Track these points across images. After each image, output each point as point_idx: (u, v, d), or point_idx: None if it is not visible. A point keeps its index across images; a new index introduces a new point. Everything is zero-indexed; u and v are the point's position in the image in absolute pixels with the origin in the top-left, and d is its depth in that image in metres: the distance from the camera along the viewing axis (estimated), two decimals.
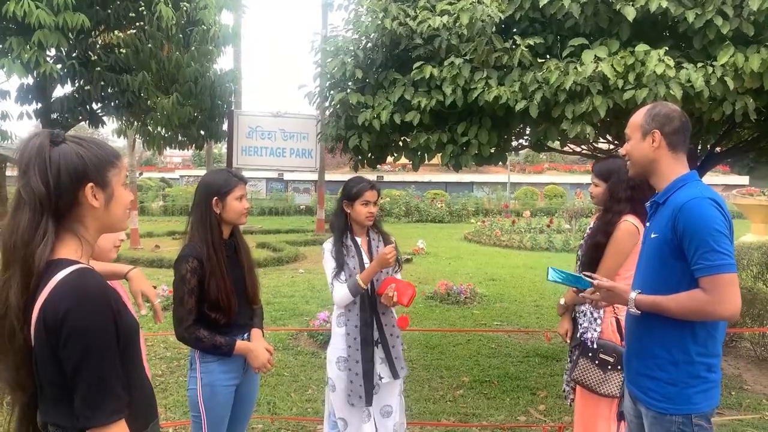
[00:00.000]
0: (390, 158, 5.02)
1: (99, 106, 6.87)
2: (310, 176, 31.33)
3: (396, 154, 4.88)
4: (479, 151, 4.21)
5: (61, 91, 6.64)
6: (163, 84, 6.65)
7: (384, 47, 4.44)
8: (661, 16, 3.55)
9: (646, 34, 3.76)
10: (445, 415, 4.61)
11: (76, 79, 6.32)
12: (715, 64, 3.41)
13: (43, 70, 5.38)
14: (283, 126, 8.09)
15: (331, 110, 5.04)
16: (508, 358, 5.99)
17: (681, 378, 2.15)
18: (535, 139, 4.32)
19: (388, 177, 37.27)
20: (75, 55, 6.13)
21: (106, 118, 7.07)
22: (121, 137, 7.88)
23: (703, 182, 2.25)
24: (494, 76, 3.88)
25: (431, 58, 4.17)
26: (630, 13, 3.45)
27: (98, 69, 6.17)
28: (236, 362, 2.75)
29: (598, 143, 5.85)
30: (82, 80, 6.37)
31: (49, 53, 5.75)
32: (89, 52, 6.37)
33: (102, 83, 6.29)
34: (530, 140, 4.58)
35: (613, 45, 3.65)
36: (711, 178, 32.08)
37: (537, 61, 3.80)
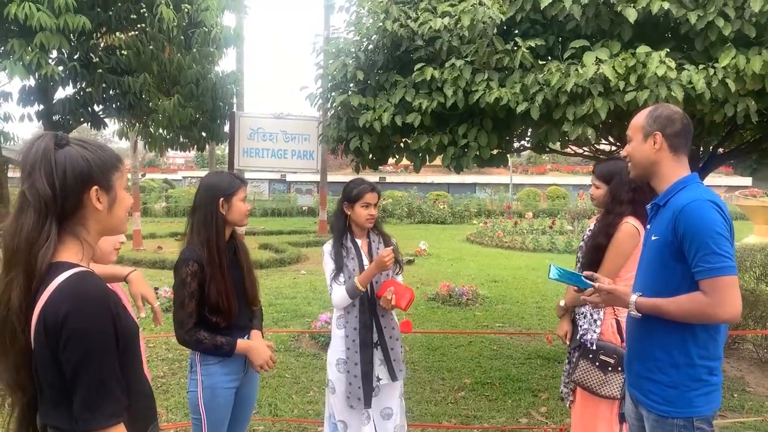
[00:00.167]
0: (391, 160, 5.02)
1: (100, 108, 6.91)
2: (313, 177, 31.32)
3: (397, 156, 4.88)
4: (480, 153, 4.21)
5: (62, 93, 6.68)
6: (165, 86, 6.67)
7: (385, 49, 4.44)
8: (663, 18, 3.54)
9: (648, 36, 3.75)
10: (447, 417, 4.60)
11: (78, 81, 6.35)
12: (716, 66, 3.41)
13: (45, 72, 5.40)
14: (285, 127, 8.09)
15: (332, 112, 5.05)
16: (509, 360, 5.98)
17: (682, 381, 2.14)
18: (536, 141, 4.32)
19: (391, 178, 37.25)
20: (76, 57, 6.15)
21: (108, 120, 7.10)
22: (123, 139, 7.90)
23: (703, 184, 2.24)
24: (495, 78, 3.88)
25: (432, 60, 4.17)
26: (631, 15, 3.44)
27: (100, 71, 6.19)
28: (237, 363, 2.75)
29: (599, 145, 5.84)
30: (84, 82, 6.40)
31: (50, 55, 5.77)
32: (91, 54, 6.39)
33: (103, 85, 6.31)
34: (531, 142, 4.58)
35: (615, 47, 3.65)
36: (714, 180, 32.01)
37: (538, 62, 3.80)
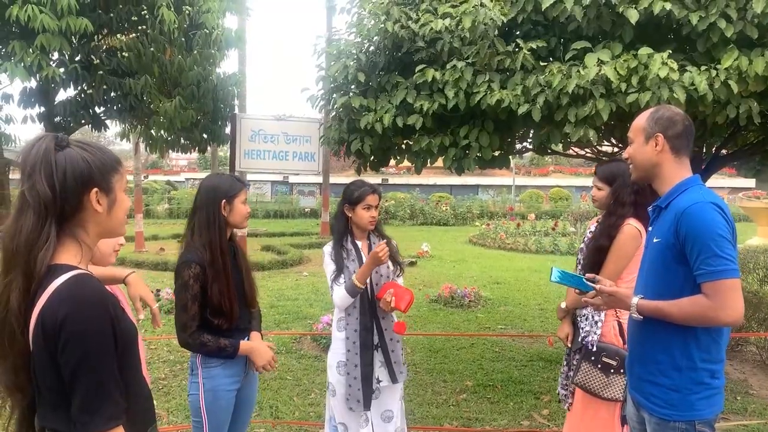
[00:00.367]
0: (392, 161, 5.01)
1: (102, 109, 6.91)
2: (315, 179, 31.37)
3: (398, 158, 4.87)
4: (482, 154, 4.20)
5: (63, 95, 6.69)
6: (166, 87, 6.67)
7: (386, 50, 4.44)
8: (665, 19, 3.53)
9: (650, 37, 3.74)
10: (448, 419, 4.59)
11: (79, 82, 6.35)
12: (718, 68, 3.39)
13: (46, 74, 5.41)
14: (286, 129, 8.08)
15: (333, 114, 5.04)
16: (512, 362, 5.97)
17: (684, 384, 2.12)
18: (537, 143, 4.31)
19: (393, 180, 37.31)
20: (77, 59, 6.15)
21: (109, 122, 7.11)
22: (125, 140, 7.90)
23: (705, 186, 2.22)
24: (497, 80, 3.87)
25: (433, 62, 4.16)
26: (633, 16, 3.43)
27: (101, 73, 6.20)
28: (238, 365, 2.75)
29: (601, 146, 5.82)
30: (85, 84, 6.41)
31: (51, 57, 5.78)
32: (92, 56, 6.40)
33: (104, 87, 6.32)
34: (533, 143, 4.57)
35: (616, 48, 3.63)
36: (717, 181, 32.00)
37: (539, 64, 3.78)
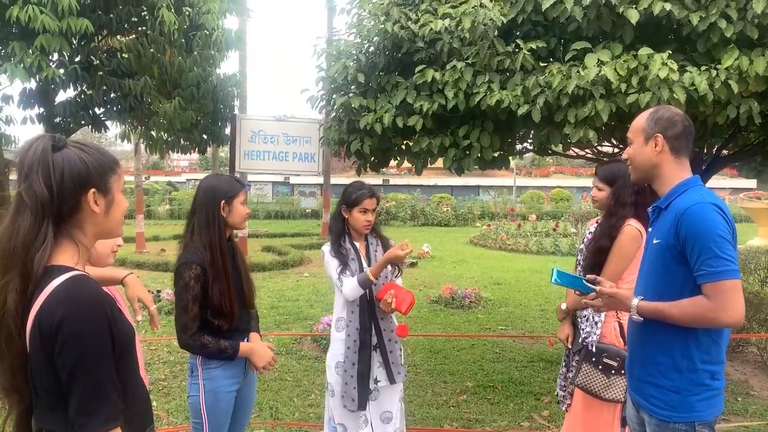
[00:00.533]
0: (392, 162, 5.00)
1: (102, 110, 6.92)
2: (316, 180, 31.34)
3: (398, 158, 4.86)
4: (482, 155, 4.20)
5: (63, 96, 6.70)
6: (165, 88, 6.69)
7: (386, 51, 4.43)
8: (665, 20, 3.51)
9: (650, 38, 3.73)
10: (448, 420, 4.58)
11: (79, 83, 6.37)
12: (719, 68, 3.38)
13: (46, 75, 5.42)
14: (286, 130, 8.08)
15: (333, 114, 5.03)
16: (512, 363, 5.96)
17: (684, 385, 2.12)
18: (537, 143, 4.30)
19: (394, 180, 37.31)
20: (77, 59, 6.16)
21: (109, 123, 7.11)
22: (126, 141, 7.91)
23: (705, 187, 2.21)
24: (496, 80, 3.86)
25: (433, 62, 4.15)
26: (633, 17, 3.42)
27: (100, 73, 6.21)
28: (238, 366, 2.74)
29: (602, 147, 5.81)
30: (85, 85, 6.42)
31: (51, 58, 5.78)
32: (91, 57, 6.41)
33: (104, 88, 6.33)
34: (533, 144, 4.56)
35: (616, 48, 3.62)
36: (718, 182, 31.97)
37: (539, 64, 3.77)
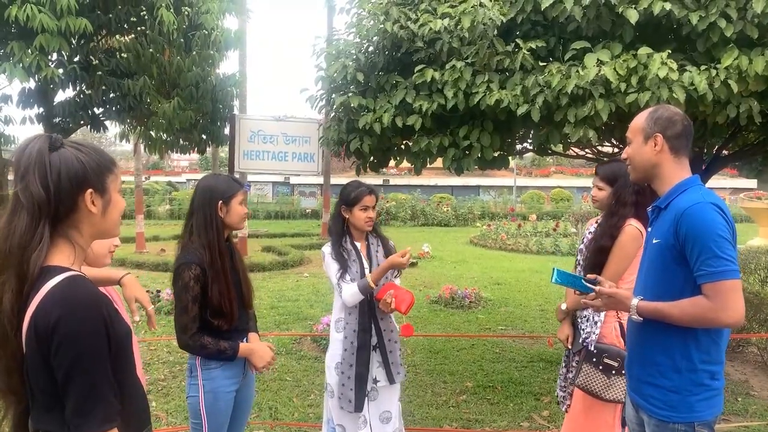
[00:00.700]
0: (392, 162, 4.99)
1: (100, 110, 6.91)
2: (316, 180, 31.33)
3: (398, 158, 4.85)
4: (481, 155, 4.19)
5: (62, 96, 6.69)
6: (164, 88, 6.67)
7: (385, 50, 4.43)
8: (665, 19, 3.51)
9: (649, 37, 3.72)
10: (448, 420, 4.57)
11: (78, 83, 6.36)
12: (718, 67, 3.37)
13: (45, 75, 5.41)
14: (285, 130, 8.07)
15: (332, 114, 5.03)
16: (512, 363, 5.95)
17: (684, 386, 2.11)
18: (537, 143, 4.29)
19: (394, 180, 37.30)
20: (76, 59, 6.15)
21: (108, 123, 7.11)
22: (125, 141, 7.91)
23: (705, 187, 2.21)
24: (496, 80, 3.85)
25: (433, 62, 4.15)
26: (633, 16, 3.42)
27: (99, 73, 6.21)
28: (237, 367, 2.74)
29: (601, 147, 5.81)
30: (84, 84, 6.42)
31: (50, 58, 5.77)
32: (90, 57, 6.41)
33: (103, 87, 6.33)
34: (533, 144, 4.56)
35: (616, 48, 3.62)
36: (718, 182, 31.97)
37: (539, 64, 3.77)
